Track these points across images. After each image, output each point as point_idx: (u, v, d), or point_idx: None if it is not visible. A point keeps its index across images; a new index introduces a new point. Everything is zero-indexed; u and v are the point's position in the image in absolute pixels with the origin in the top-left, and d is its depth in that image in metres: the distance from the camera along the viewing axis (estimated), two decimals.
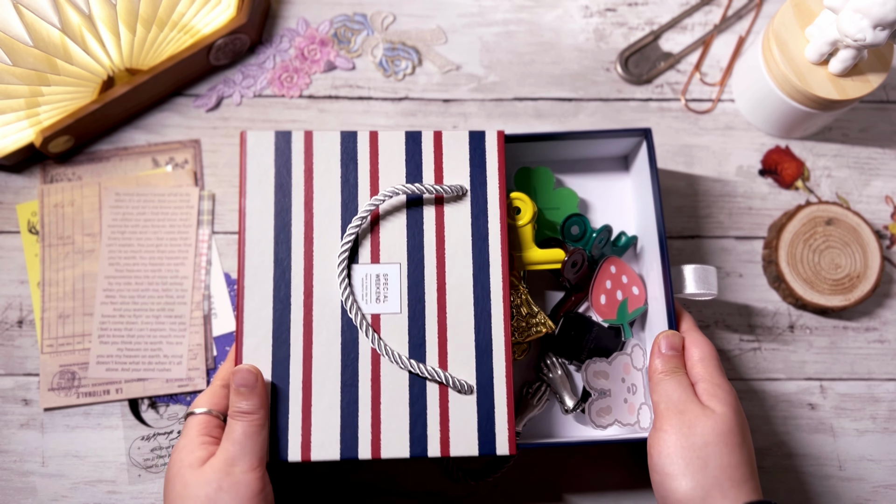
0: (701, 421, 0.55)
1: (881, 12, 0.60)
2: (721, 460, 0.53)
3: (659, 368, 0.59)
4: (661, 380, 0.58)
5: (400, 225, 0.59)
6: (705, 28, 0.79)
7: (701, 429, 0.54)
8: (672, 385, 0.58)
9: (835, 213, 0.71)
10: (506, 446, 0.56)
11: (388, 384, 0.57)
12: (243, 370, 0.54)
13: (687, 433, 0.54)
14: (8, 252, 0.71)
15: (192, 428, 0.55)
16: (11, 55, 0.65)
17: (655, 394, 0.58)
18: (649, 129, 0.66)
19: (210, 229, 0.72)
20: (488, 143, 0.61)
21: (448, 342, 0.58)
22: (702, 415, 0.55)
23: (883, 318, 0.72)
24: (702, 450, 0.54)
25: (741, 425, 0.56)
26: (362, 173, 0.60)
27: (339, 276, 0.58)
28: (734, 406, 0.56)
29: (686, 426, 0.55)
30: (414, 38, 0.78)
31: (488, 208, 0.60)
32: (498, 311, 0.58)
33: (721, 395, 0.57)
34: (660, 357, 0.60)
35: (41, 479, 0.67)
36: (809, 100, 0.68)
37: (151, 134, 0.74)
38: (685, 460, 0.54)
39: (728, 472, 0.53)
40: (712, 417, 0.55)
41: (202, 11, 0.72)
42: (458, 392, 0.57)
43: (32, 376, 0.69)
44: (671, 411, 0.56)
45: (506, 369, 0.57)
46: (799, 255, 0.70)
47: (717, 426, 0.54)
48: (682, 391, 0.57)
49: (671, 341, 0.60)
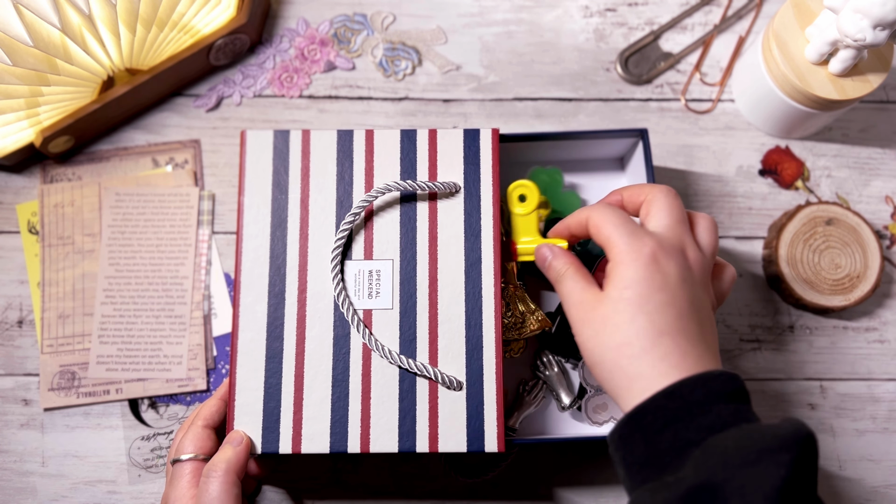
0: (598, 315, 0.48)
1: (881, 12, 0.60)
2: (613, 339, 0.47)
3: (552, 276, 0.53)
4: (558, 286, 0.52)
5: (393, 221, 0.60)
6: (705, 28, 0.79)
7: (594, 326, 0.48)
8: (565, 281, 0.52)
9: (835, 214, 0.71)
10: (494, 443, 0.56)
11: (379, 379, 0.57)
12: (239, 436, 0.56)
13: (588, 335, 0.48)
14: (8, 252, 0.71)
15: (182, 478, 0.54)
16: (11, 55, 0.65)
17: (561, 293, 0.52)
18: (646, 129, 0.66)
19: (210, 229, 0.72)
20: (483, 141, 0.61)
21: (439, 338, 0.58)
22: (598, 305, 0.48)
23: (883, 318, 0.72)
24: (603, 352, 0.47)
25: (643, 291, 0.47)
26: (358, 170, 0.60)
27: (332, 272, 0.58)
28: (629, 273, 0.47)
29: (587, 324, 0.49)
30: (414, 38, 0.78)
31: (481, 206, 0.60)
32: (489, 308, 0.58)
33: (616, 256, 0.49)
34: None
35: (41, 479, 0.67)
36: (809, 100, 0.68)
37: (151, 134, 0.74)
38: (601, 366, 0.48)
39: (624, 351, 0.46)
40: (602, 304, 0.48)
41: (202, 11, 0.72)
42: (447, 388, 0.57)
43: (32, 376, 0.69)
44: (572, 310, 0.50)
45: (496, 366, 0.58)
46: (799, 256, 0.70)
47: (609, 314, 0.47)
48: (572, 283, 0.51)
49: None
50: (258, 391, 0.57)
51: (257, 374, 0.57)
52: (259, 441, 0.56)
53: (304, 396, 0.57)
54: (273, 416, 0.57)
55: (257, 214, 0.60)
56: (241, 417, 0.57)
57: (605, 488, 0.68)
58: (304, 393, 0.57)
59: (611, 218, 0.50)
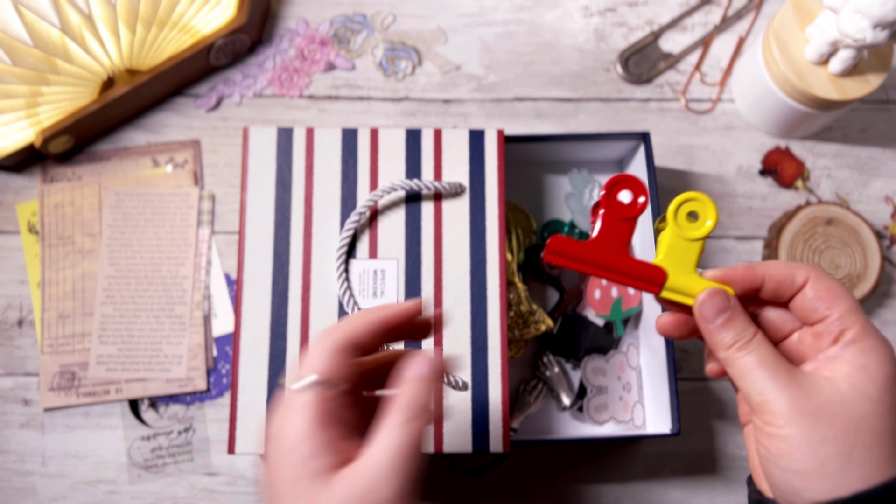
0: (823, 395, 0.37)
1: (881, 12, 0.60)
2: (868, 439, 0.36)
3: (727, 342, 0.39)
4: (732, 359, 0.39)
5: (398, 221, 0.60)
6: (705, 28, 0.79)
7: (829, 409, 0.37)
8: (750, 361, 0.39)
9: (835, 214, 0.71)
10: (500, 444, 0.56)
11: None
12: (433, 359, 0.40)
13: (809, 422, 0.37)
14: (8, 252, 0.71)
15: (305, 414, 0.37)
16: (11, 55, 0.65)
17: (736, 373, 0.39)
18: (647, 132, 0.66)
19: (210, 229, 0.72)
20: (488, 142, 0.61)
21: (444, 339, 0.58)
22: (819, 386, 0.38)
23: (883, 318, 0.72)
24: (839, 440, 0.36)
25: (893, 381, 0.38)
26: (362, 169, 0.60)
27: (337, 271, 0.58)
28: (869, 362, 0.38)
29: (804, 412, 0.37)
30: (414, 38, 0.78)
31: (486, 206, 0.60)
32: (494, 308, 0.58)
33: (853, 343, 0.38)
34: (718, 326, 0.40)
35: (41, 479, 0.67)
36: (809, 100, 0.68)
37: (151, 134, 0.74)
38: (819, 457, 0.36)
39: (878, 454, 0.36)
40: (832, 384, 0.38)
41: (202, 11, 0.72)
42: (452, 388, 0.57)
43: (32, 376, 0.69)
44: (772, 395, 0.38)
45: (501, 366, 0.58)
46: (799, 256, 0.70)
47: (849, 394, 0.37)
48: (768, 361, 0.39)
49: (718, 300, 0.40)
50: (261, 391, 0.57)
51: (260, 374, 0.57)
52: (262, 441, 0.56)
53: None
54: None
55: (260, 212, 0.60)
56: (244, 417, 0.57)
57: (605, 488, 0.68)
58: None
59: (845, 293, 0.40)
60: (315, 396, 0.37)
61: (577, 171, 0.70)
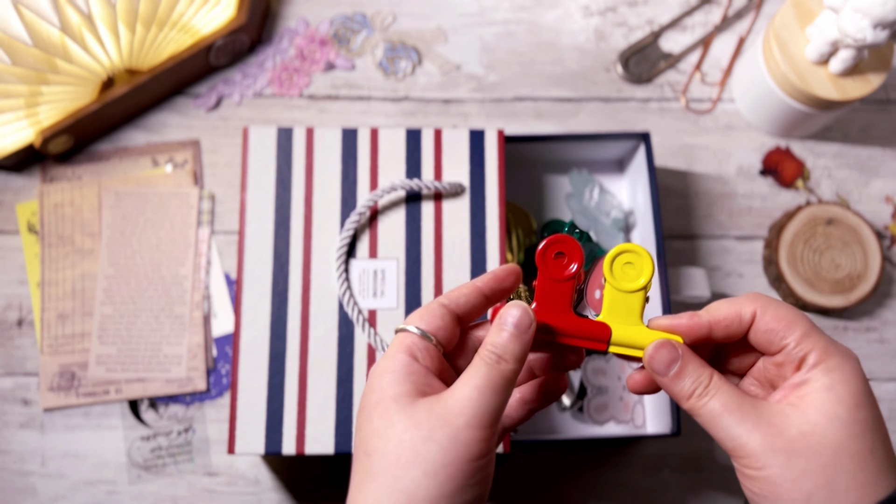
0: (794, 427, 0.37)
1: (881, 12, 0.60)
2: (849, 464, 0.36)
3: (685, 392, 0.39)
4: (696, 409, 0.39)
5: (398, 221, 0.60)
6: (705, 28, 0.79)
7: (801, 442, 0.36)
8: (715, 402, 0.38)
9: (835, 214, 0.71)
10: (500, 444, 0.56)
11: None
12: (522, 308, 0.40)
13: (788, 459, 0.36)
14: (8, 252, 0.71)
15: (400, 348, 0.40)
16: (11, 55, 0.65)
17: (705, 422, 0.38)
18: (648, 132, 0.66)
19: (210, 229, 0.72)
20: (488, 142, 0.61)
21: None
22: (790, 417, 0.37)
23: (883, 318, 0.72)
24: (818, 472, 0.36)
25: (862, 397, 0.37)
26: (362, 169, 0.60)
27: (337, 271, 0.58)
28: (834, 383, 0.37)
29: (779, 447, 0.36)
30: (414, 38, 0.78)
31: (486, 206, 0.60)
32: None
33: (816, 366, 0.38)
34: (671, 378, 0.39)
35: (41, 479, 0.67)
36: (810, 100, 0.68)
37: (151, 134, 0.74)
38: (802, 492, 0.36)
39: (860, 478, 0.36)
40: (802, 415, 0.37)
41: (202, 11, 0.72)
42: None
43: (32, 376, 0.69)
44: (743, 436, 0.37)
45: None
46: (799, 255, 0.70)
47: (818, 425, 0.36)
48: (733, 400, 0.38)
49: (666, 352, 0.40)
50: (261, 391, 0.57)
51: (260, 374, 0.57)
52: (262, 441, 0.56)
53: (307, 396, 0.57)
54: (276, 417, 0.56)
55: (260, 212, 0.60)
56: (244, 417, 0.56)
57: (605, 488, 0.68)
58: (308, 393, 0.57)
59: (797, 317, 0.39)
60: (411, 339, 0.40)
61: (577, 171, 0.70)
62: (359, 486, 0.37)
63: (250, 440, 0.56)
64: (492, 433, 0.38)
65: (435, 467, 0.36)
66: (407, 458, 0.36)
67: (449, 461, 0.36)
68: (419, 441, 0.37)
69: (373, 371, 0.40)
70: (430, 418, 0.37)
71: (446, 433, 0.37)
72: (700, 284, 0.67)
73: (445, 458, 0.36)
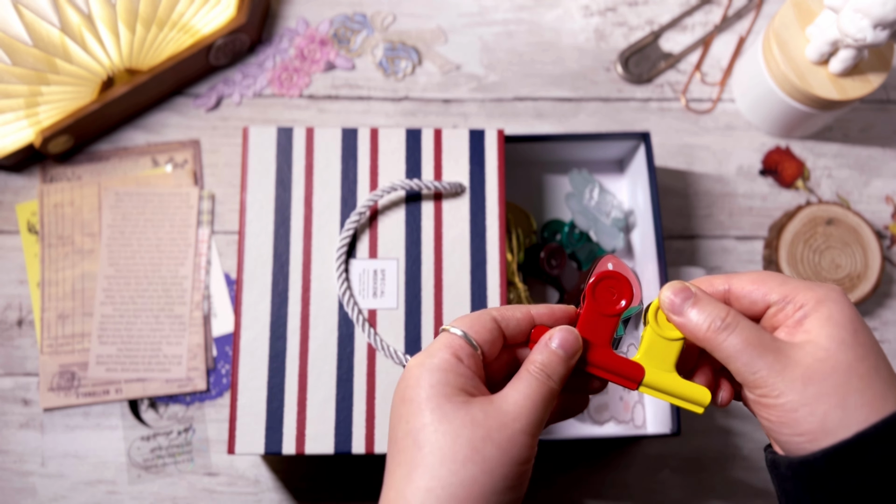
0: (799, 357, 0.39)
1: (881, 12, 0.60)
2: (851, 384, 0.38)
3: (703, 324, 0.40)
4: (717, 342, 0.40)
5: (398, 221, 0.60)
6: (705, 28, 0.79)
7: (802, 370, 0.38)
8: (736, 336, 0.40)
9: (835, 214, 0.71)
10: None
11: (384, 379, 0.57)
12: (574, 335, 0.43)
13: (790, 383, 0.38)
14: (8, 252, 0.71)
15: (446, 348, 0.42)
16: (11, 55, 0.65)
17: (725, 357, 0.40)
18: (648, 132, 0.66)
19: (210, 229, 0.72)
20: (488, 142, 0.61)
21: None
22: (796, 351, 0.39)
23: (883, 318, 0.72)
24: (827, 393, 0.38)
25: (858, 322, 0.39)
26: (362, 169, 0.60)
27: (337, 271, 0.58)
28: (832, 311, 0.39)
29: None
30: (414, 38, 0.78)
31: (486, 206, 0.60)
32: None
33: (808, 304, 0.40)
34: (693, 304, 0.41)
35: (41, 479, 0.67)
36: (810, 100, 0.68)
37: (151, 134, 0.74)
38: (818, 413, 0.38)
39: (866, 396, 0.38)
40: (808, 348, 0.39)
41: (202, 11, 0.72)
42: None
43: (32, 376, 0.69)
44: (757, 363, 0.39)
45: None
46: (799, 255, 0.70)
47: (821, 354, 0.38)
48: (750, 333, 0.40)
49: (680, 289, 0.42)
50: (261, 391, 0.57)
51: (260, 374, 0.57)
52: (262, 441, 0.56)
53: (307, 396, 0.57)
54: (276, 416, 0.56)
55: (260, 212, 0.60)
56: (244, 417, 0.56)
57: (605, 488, 0.68)
58: (308, 393, 0.57)
59: (768, 274, 0.42)
60: (458, 341, 0.42)
61: (577, 171, 0.70)
62: (407, 476, 0.39)
63: (250, 440, 0.56)
64: (536, 441, 0.40)
65: (491, 465, 0.38)
66: (465, 453, 0.38)
67: (504, 462, 0.38)
68: (478, 440, 0.38)
69: (416, 364, 0.41)
70: (488, 420, 0.39)
71: (504, 436, 0.39)
72: None
73: (503, 459, 0.38)
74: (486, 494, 0.38)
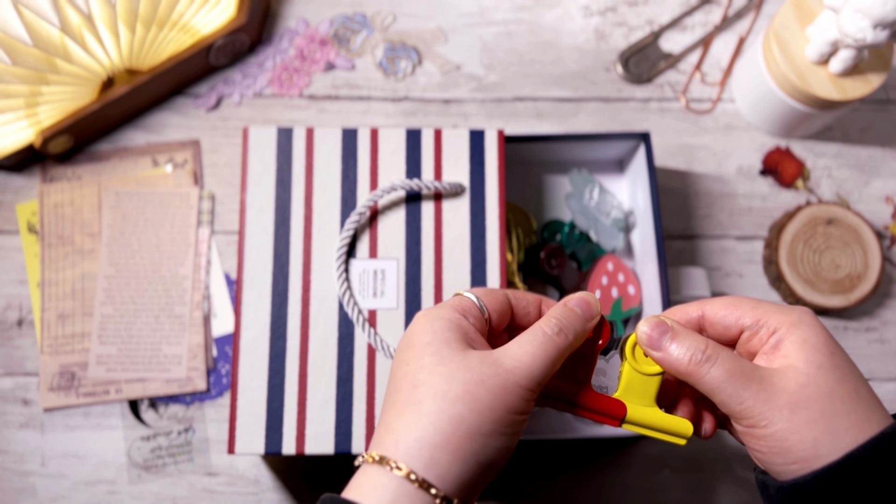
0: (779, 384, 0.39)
1: (881, 12, 0.60)
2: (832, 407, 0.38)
3: (683, 357, 0.40)
4: (699, 375, 0.40)
5: (398, 221, 0.60)
6: (705, 28, 0.79)
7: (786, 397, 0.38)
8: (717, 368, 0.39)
9: (835, 214, 0.71)
10: None
11: (383, 379, 0.57)
12: (592, 298, 0.44)
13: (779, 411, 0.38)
14: (8, 252, 0.71)
15: (454, 306, 0.43)
16: (11, 55, 0.65)
17: (709, 389, 0.40)
18: (648, 132, 0.66)
19: (210, 229, 0.72)
20: (488, 142, 0.61)
21: None
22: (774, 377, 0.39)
23: (883, 318, 0.72)
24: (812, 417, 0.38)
25: (832, 344, 0.40)
26: (362, 169, 0.60)
27: (338, 271, 0.58)
28: (806, 335, 0.39)
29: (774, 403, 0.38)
30: (414, 38, 0.78)
31: (486, 206, 0.60)
32: None
33: (781, 328, 0.40)
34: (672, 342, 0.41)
35: (41, 479, 0.67)
36: (810, 100, 0.68)
37: (151, 134, 0.74)
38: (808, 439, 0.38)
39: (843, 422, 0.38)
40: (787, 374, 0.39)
41: (202, 11, 0.72)
42: None
43: (32, 376, 0.69)
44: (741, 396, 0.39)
45: None
46: (799, 256, 0.70)
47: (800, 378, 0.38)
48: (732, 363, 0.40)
49: (656, 324, 0.42)
50: (261, 391, 0.57)
51: (260, 374, 0.57)
52: (262, 441, 0.56)
53: (307, 396, 0.57)
54: (276, 417, 0.56)
55: (260, 212, 0.60)
56: (244, 417, 0.56)
57: (605, 488, 0.68)
58: (308, 393, 0.57)
59: (740, 299, 0.43)
60: (468, 302, 0.44)
61: (577, 171, 0.70)
62: (399, 413, 0.40)
63: (250, 440, 0.56)
64: (535, 396, 0.41)
65: (480, 406, 0.39)
66: (455, 393, 0.39)
67: (495, 406, 0.39)
68: (471, 383, 0.39)
69: (423, 314, 0.43)
70: (483, 366, 0.40)
71: (497, 382, 0.39)
72: (700, 284, 0.68)
73: (493, 403, 0.39)
74: (472, 434, 0.38)
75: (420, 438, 0.38)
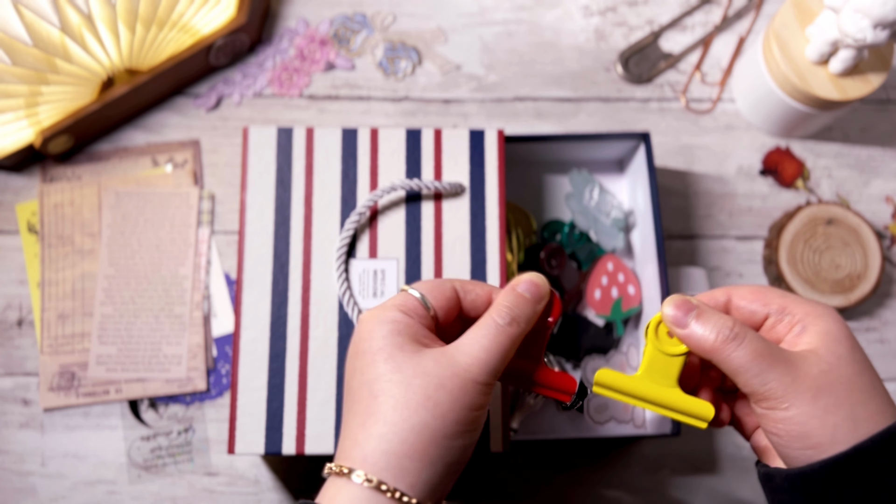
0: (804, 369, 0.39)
1: (881, 12, 0.60)
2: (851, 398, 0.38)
3: (709, 336, 0.40)
4: (725, 354, 0.40)
5: (398, 221, 0.60)
6: (705, 28, 0.79)
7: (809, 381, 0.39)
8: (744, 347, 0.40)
9: (835, 214, 0.71)
10: (499, 443, 0.56)
11: None
12: (540, 279, 0.44)
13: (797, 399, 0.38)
14: (8, 252, 0.71)
15: (398, 305, 0.43)
16: (11, 55, 0.65)
17: (734, 368, 0.40)
18: (648, 132, 0.66)
19: (210, 229, 0.72)
20: (488, 142, 0.61)
21: None
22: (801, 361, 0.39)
23: (883, 318, 0.72)
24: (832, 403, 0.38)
25: (852, 338, 0.41)
26: (362, 169, 0.60)
27: (337, 271, 0.58)
28: (829, 327, 0.40)
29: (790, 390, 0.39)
30: (414, 38, 0.78)
31: (486, 207, 0.60)
32: None
33: (806, 318, 0.41)
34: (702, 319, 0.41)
35: (41, 479, 0.67)
36: (810, 100, 0.68)
37: (151, 134, 0.74)
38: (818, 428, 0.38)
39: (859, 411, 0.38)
40: (812, 359, 0.39)
41: (202, 11, 0.72)
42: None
43: (32, 376, 0.69)
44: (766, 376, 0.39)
45: None
46: (799, 255, 0.70)
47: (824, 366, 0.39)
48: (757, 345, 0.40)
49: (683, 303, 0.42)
50: (261, 391, 0.57)
51: (260, 374, 0.57)
52: (262, 441, 0.56)
53: (307, 396, 0.57)
54: (276, 417, 0.56)
55: (260, 212, 0.60)
56: (244, 417, 0.56)
57: (605, 488, 0.68)
58: (308, 393, 0.57)
59: (766, 288, 0.43)
60: (412, 301, 0.43)
61: (577, 171, 0.70)
62: (362, 424, 0.40)
63: (250, 440, 0.56)
64: (492, 387, 0.42)
65: (442, 410, 0.39)
66: (417, 400, 0.39)
67: (455, 408, 0.40)
68: (430, 387, 0.40)
69: (368, 318, 0.43)
70: (440, 368, 0.40)
71: (456, 384, 0.40)
72: (700, 284, 0.68)
73: (453, 405, 0.40)
74: (436, 439, 0.39)
75: (387, 451, 0.39)
